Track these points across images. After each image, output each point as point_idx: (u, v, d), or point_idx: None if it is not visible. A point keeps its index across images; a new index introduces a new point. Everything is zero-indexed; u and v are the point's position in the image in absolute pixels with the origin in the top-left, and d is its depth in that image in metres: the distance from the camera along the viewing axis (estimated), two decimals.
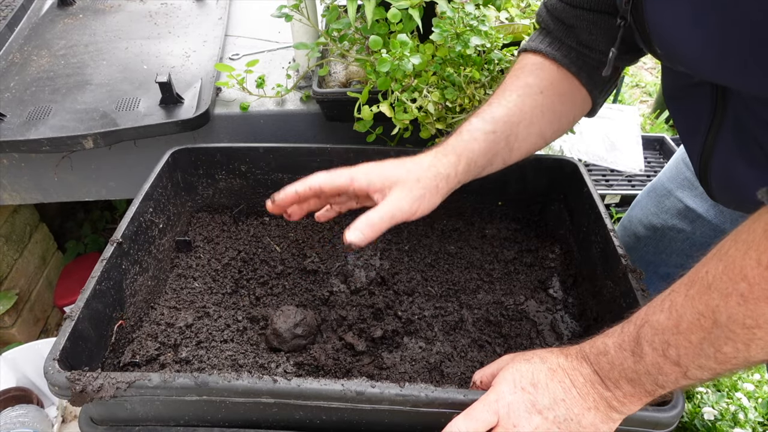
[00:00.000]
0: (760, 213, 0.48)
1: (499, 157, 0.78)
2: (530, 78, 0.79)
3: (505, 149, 0.78)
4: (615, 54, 0.71)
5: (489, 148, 0.75)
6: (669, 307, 0.53)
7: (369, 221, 0.65)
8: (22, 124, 1.15)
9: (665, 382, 0.54)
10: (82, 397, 0.62)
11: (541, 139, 0.81)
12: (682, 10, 0.54)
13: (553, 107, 0.79)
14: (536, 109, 0.78)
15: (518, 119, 0.77)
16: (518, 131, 0.78)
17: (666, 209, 1.05)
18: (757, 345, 0.48)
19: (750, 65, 0.51)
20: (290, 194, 0.70)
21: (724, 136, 0.68)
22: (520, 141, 0.78)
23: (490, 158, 0.77)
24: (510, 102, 0.78)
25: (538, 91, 0.78)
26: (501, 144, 0.77)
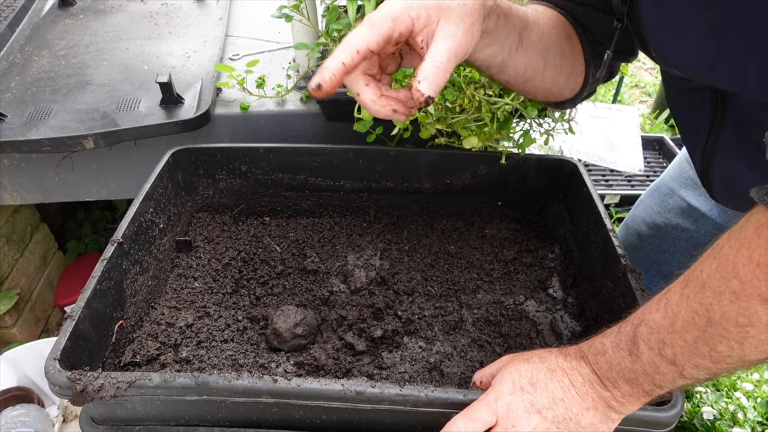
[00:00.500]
0: (752, 212, 0.48)
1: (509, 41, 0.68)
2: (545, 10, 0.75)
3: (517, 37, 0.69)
4: (610, 56, 0.71)
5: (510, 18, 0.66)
6: (665, 306, 0.53)
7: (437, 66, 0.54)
8: (23, 125, 1.15)
9: (662, 381, 0.54)
10: (83, 396, 0.62)
11: (543, 59, 0.73)
12: (677, 15, 0.54)
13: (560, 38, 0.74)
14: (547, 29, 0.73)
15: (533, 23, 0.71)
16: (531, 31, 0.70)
17: (669, 208, 1.05)
18: (750, 343, 0.48)
19: (742, 70, 0.51)
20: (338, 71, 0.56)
21: (725, 139, 0.68)
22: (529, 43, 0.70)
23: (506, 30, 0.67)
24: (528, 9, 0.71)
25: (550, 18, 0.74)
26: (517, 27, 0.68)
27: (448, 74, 0.56)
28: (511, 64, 0.71)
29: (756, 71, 0.50)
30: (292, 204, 1.14)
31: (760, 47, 0.48)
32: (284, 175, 1.09)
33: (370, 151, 1.06)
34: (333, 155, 1.06)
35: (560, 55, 0.75)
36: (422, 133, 1.03)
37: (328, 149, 1.06)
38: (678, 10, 0.54)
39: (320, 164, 1.08)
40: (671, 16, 0.56)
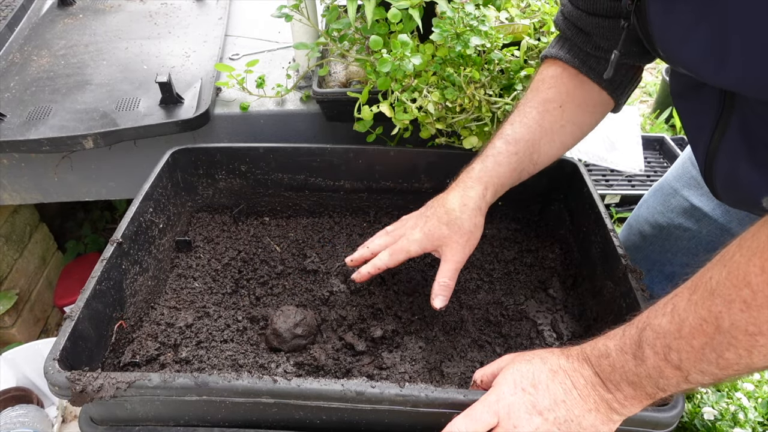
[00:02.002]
0: (765, 220, 0.48)
1: (525, 172, 0.85)
2: (550, 92, 0.82)
3: (529, 165, 0.84)
4: (617, 56, 0.71)
5: (514, 168, 0.82)
6: (671, 311, 0.53)
7: (444, 286, 0.81)
8: (22, 124, 1.15)
9: (666, 385, 0.54)
10: (82, 397, 0.62)
11: (563, 148, 0.86)
12: (684, 14, 0.54)
13: (573, 119, 0.83)
14: (556, 124, 0.82)
15: (539, 136, 0.82)
16: (540, 147, 0.83)
17: (672, 208, 1.05)
18: (759, 352, 0.47)
19: (749, 71, 0.51)
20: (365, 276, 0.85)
21: (730, 137, 0.68)
22: (542, 155, 0.84)
23: (516, 177, 0.84)
24: (530, 119, 0.82)
25: (558, 106, 0.82)
26: (525, 162, 0.83)
27: (453, 285, 0.81)
28: (537, 169, 0.87)
29: (760, 73, 0.50)
30: (292, 204, 1.14)
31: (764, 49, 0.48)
32: (284, 175, 1.09)
33: (370, 151, 1.05)
34: (333, 155, 1.06)
35: (579, 128, 0.85)
36: (422, 133, 1.03)
37: (328, 149, 1.06)
38: (685, 10, 0.54)
39: (320, 164, 1.07)
40: (678, 15, 0.55)
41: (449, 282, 0.81)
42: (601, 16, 0.75)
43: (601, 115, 0.87)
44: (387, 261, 0.83)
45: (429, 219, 0.83)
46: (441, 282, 0.80)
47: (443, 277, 0.80)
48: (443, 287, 0.80)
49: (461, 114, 0.97)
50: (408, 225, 0.86)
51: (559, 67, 0.83)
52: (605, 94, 0.83)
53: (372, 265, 0.84)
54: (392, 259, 0.83)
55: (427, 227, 0.82)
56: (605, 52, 0.78)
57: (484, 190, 0.81)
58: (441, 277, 0.81)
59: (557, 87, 0.82)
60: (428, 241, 0.82)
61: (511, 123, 0.84)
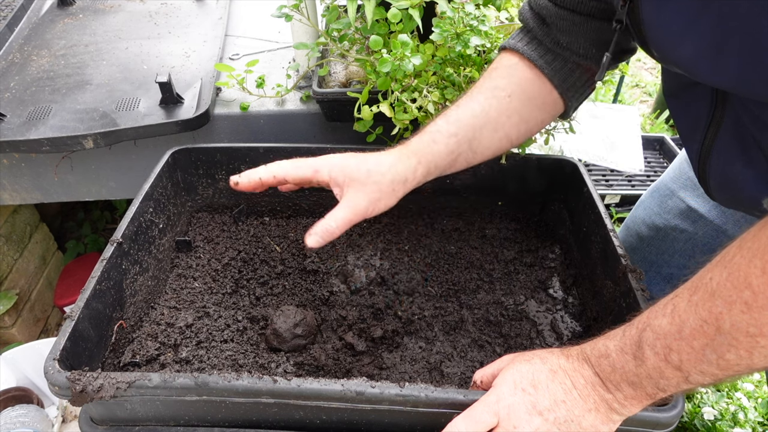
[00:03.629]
0: (765, 221, 0.48)
1: (462, 159, 0.80)
2: (501, 80, 0.80)
3: (468, 151, 0.79)
4: (609, 58, 0.71)
5: (450, 150, 0.77)
6: (672, 312, 0.53)
7: (326, 228, 0.70)
8: (23, 124, 1.15)
9: (666, 386, 0.54)
10: (82, 397, 0.62)
11: (507, 141, 0.82)
12: (678, 14, 0.54)
13: (520, 111, 0.80)
14: (503, 114, 0.79)
15: (483, 122, 0.78)
16: (482, 135, 0.79)
17: (669, 209, 1.05)
18: (759, 353, 0.47)
19: (744, 70, 0.51)
20: (254, 180, 0.73)
21: (723, 136, 0.68)
22: (484, 144, 0.80)
23: (451, 160, 0.78)
24: (476, 104, 0.79)
25: (506, 95, 0.79)
26: (463, 146, 0.78)
27: (336, 235, 0.70)
28: (476, 162, 0.81)
29: (757, 73, 0.50)
30: (292, 204, 1.14)
31: (760, 49, 0.48)
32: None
33: (370, 151, 1.05)
34: None
35: (524, 123, 0.82)
36: None
37: (328, 149, 1.05)
38: (680, 10, 0.54)
39: None
40: (672, 15, 0.55)
41: (335, 229, 0.70)
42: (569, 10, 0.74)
43: (549, 116, 0.84)
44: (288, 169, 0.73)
45: (355, 156, 0.75)
46: (327, 225, 0.70)
47: (332, 221, 0.70)
48: (326, 230, 0.70)
49: None
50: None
51: (515, 57, 0.81)
52: (556, 93, 0.81)
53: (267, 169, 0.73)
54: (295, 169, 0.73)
55: (346, 160, 0.74)
56: (563, 49, 0.78)
57: (416, 164, 0.75)
58: (330, 218, 0.70)
59: (509, 77, 0.80)
60: (339, 172, 0.72)
61: (457, 106, 0.80)
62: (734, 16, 0.49)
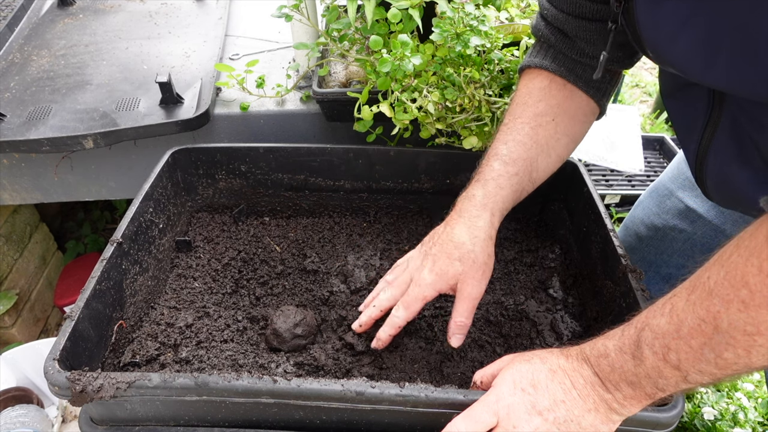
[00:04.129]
0: (762, 220, 0.48)
1: (524, 192, 0.83)
2: (540, 105, 0.81)
3: (528, 184, 0.82)
4: (606, 57, 0.71)
5: (515, 190, 0.80)
6: (670, 311, 0.53)
7: (460, 326, 0.77)
8: (23, 124, 1.15)
9: (665, 385, 0.54)
10: (82, 397, 0.62)
11: (559, 161, 0.85)
12: (672, 14, 0.54)
13: (567, 131, 0.82)
14: (551, 139, 0.81)
15: (536, 153, 0.80)
16: (538, 164, 0.81)
17: (667, 209, 1.05)
18: (757, 351, 0.47)
19: (735, 70, 0.51)
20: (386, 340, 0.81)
21: (720, 136, 0.68)
22: (540, 172, 0.83)
23: (516, 198, 0.82)
24: (524, 136, 0.80)
25: (550, 120, 0.80)
26: (524, 182, 0.81)
27: (470, 323, 0.77)
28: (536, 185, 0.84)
29: (748, 73, 0.50)
30: (292, 204, 1.14)
31: (755, 49, 0.48)
32: (284, 175, 1.09)
33: (370, 151, 1.05)
34: (333, 155, 1.06)
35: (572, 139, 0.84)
36: (422, 133, 1.03)
37: (328, 149, 1.06)
38: (673, 10, 0.54)
39: (320, 164, 1.07)
40: (667, 15, 0.56)
41: (466, 321, 0.77)
42: (586, 19, 0.74)
43: (589, 124, 0.86)
44: (405, 316, 0.78)
45: (437, 257, 0.77)
46: (458, 321, 0.77)
47: (460, 317, 0.77)
48: (460, 326, 0.77)
49: (461, 114, 0.97)
50: (412, 267, 0.80)
51: (545, 79, 0.81)
52: (592, 102, 0.82)
53: (390, 326, 0.79)
54: (410, 312, 0.78)
55: (438, 267, 0.77)
56: (590, 58, 0.77)
57: (491, 217, 0.78)
58: (457, 316, 0.77)
59: (547, 100, 0.81)
60: (442, 282, 0.76)
61: (505, 142, 0.81)
62: (726, 16, 0.49)
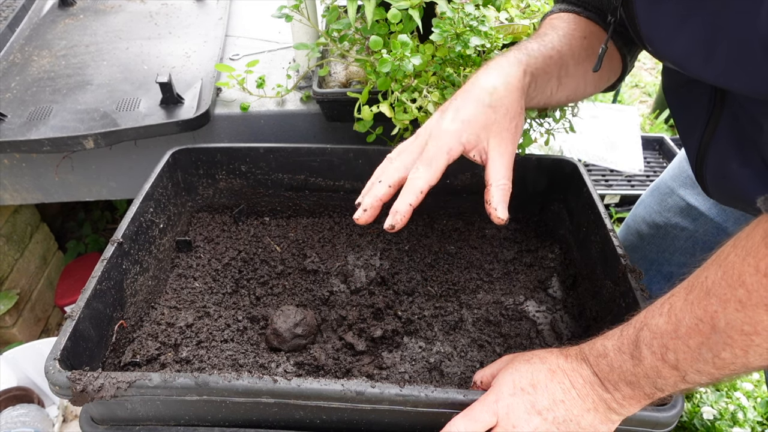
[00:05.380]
0: (759, 220, 0.48)
1: (549, 87, 0.73)
2: (571, 25, 0.77)
3: (556, 80, 0.73)
4: (605, 50, 0.71)
5: (546, 71, 0.71)
6: (668, 311, 0.53)
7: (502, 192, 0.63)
8: (23, 125, 1.15)
9: (664, 385, 0.54)
10: (83, 396, 0.62)
11: (583, 81, 0.77)
12: (671, 9, 0.54)
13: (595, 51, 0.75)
14: (582, 51, 0.75)
15: (568, 54, 0.74)
16: (568, 65, 0.74)
17: (669, 207, 1.05)
18: (755, 351, 0.48)
19: (733, 66, 0.51)
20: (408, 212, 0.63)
21: (721, 133, 0.68)
22: (568, 76, 0.75)
23: (544, 82, 0.72)
24: (558, 37, 0.75)
25: (582, 36, 0.76)
26: (555, 71, 0.72)
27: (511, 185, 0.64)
28: (554, 100, 0.76)
29: (746, 69, 0.50)
30: (292, 204, 1.14)
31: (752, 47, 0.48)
32: (284, 175, 1.09)
33: (370, 151, 1.06)
34: (333, 155, 1.06)
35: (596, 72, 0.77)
36: None
37: (328, 149, 1.06)
38: (672, 5, 0.54)
39: (320, 164, 1.08)
40: (665, 10, 0.56)
41: (508, 183, 0.64)
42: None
43: (614, 71, 0.81)
44: (427, 176, 0.62)
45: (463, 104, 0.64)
46: (500, 186, 0.63)
47: (501, 178, 0.63)
48: (504, 191, 0.63)
49: None
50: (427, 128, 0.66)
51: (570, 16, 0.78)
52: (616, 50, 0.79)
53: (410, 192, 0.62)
54: (433, 169, 0.62)
55: (465, 113, 0.63)
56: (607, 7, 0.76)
57: (523, 73, 0.67)
58: (497, 179, 0.63)
59: (578, 24, 0.77)
60: (470, 131, 0.63)
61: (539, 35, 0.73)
62: (723, 14, 0.49)
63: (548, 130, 1.00)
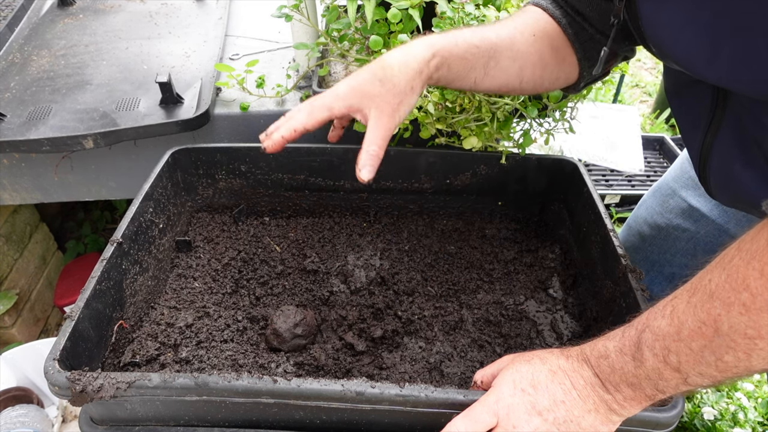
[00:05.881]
0: (764, 223, 0.47)
1: (472, 75, 0.77)
2: (529, 20, 0.79)
3: (482, 69, 0.77)
4: (607, 53, 0.71)
5: (466, 59, 0.74)
6: (671, 313, 0.53)
7: (372, 155, 0.70)
8: (23, 124, 1.15)
9: (665, 387, 0.54)
10: (82, 397, 0.62)
11: (518, 78, 0.80)
12: (676, 9, 0.54)
13: (541, 53, 0.79)
14: (524, 47, 0.78)
15: (505, 47, 0.77)
16: (500, 58, 0.77)
17: (670, 208, 1.05)
18: (758, 355, 0.47)
19: (738, 67, 0.51)
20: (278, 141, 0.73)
21: (724, 134, 0.68)
22: (498, 69, 0.77)
23: (464, 69, 0.75)
24: (503, 30, 0.78)
25: (531, 33, 0.78)
26: (480, 61, 0.76)
27: (382, 153, 0.70)
28: (482, 87, 0.79)
29: (751, 70, 0.50)
30: (292, 204, 1.14)
31: (756, 48, 0.48)
32: (284, 175, 1.09)
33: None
34: (333, 155, 1.06)
35: (540, 68, 0.80)
36: (422, 133, 1.03)
37: (328, 149, 1.06)
38: (677, 8, 0.54)
39: (320, 164, 1.07)
40: (670, 10, 0.56)
41: (379, 150, 0.70)
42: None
43: (564, 76, 0.82)
44: (303, 120, 0.72)
45: (360, 73, 0.72)
46: (370, 150, 0.70)
47: (371, 145, 0.70)
48: (372, 156, 0.70)
49: (461, 114, 0.97)
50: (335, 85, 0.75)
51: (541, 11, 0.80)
52: (574, 58, 0.80)
53: (285, 127, 0.73)
54: (311, 117, 0.72)
55: (356, 81, 0.71)
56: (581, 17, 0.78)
57: (431, 56, 0.71)
58: (369, 144, 0.70)
59: (536, 22, 0.79)
60: (354, 96, 0.71)
61: (485, 25, 0.79)
62: (728, 15, 0.49)
63: (548, 130, 1.00)
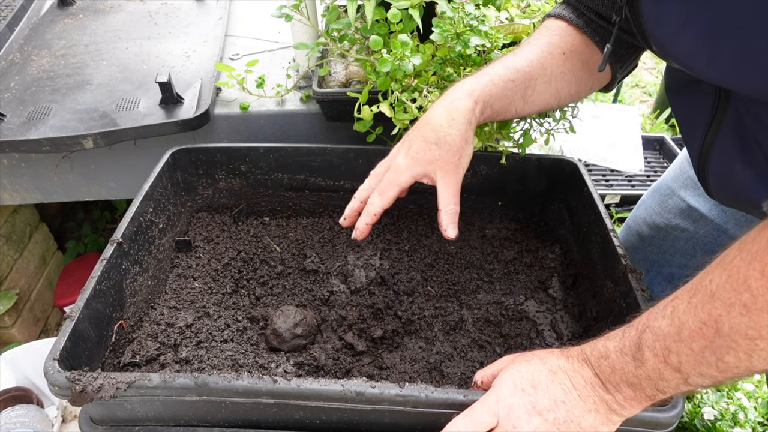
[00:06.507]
0: (765, 224, 0.47)
1: (513, 107, 0.80)
2: (555, 38, 0.80)
3: (520, 100, 0.80)
4: (610, 50, 0.71)
5: (505, 95, 0.77)
6: (671, 313, 0.53)
7: (451, 213, 0.74)
8: (23, 124, 1.15)
9: (666, 387, 0.54)
10: (82, 397, 0.62)
11: (556, 99, 0.82)
12: (677, 8, 0.54)
13: (573, 70, 0.81)
14: (556, 68, 0.80)
15: (538, 73, 0.79)
16: (536, 85, 0.79)
17: (669, 209, 1.05)
18: (759, 355, 0.47)
19: (738, 66, 0.51)
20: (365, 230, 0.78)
21: (724, 134, 0.68)
22: (536, 95, 0.80)
23: (505, 105, 0.79)
24: (533, 55, 0.79)
25: (561, 52, 0.80)
26: (517, 95, 0.79)
27: (458, 208, 0.75)
28: (524, 114, 0.83)
29: (752, 69, 0.50)
30: (292, 204, 1.14)
31: (756, 47, 0.48)
32: (284, 175, 1.09)
33: (370, 151, 1.05)
34: (333, 155, 1.06)
35: (575, 84, 0.82)
36: None
37: (328, 149, 1.06)
38: (678, 4, 0.54)
39: (320, 164, 1.07)
40: (671, 9, 0.56)
41: (455, 207, 0.74)
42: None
43: (598, 83, 0.84)
44: (379, 203, 0.76)
45: (413, 141, 0.76)
46: (448, 210, 0.74)
47: (448, 204, 0.74)
48: (451, 214, 0.74)
49: None
50: (391, 155, 0.79)
51: (564, 23, 0.81)
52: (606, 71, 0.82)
53: (366, 213, 0.77)
54: (384, 198, 0.76)
55: (414, 150, 0.75)
56: (603, 19, 0.78)
57: (473, 104, 0.74)
58: (445, 205, 0.74)
59: (562, 37, 0.80)
60: (418, 166, 0.75)
61: (514, 54, 0.80)
62: (728, 15, 0.49)
63: (548, 130, 1.00)
